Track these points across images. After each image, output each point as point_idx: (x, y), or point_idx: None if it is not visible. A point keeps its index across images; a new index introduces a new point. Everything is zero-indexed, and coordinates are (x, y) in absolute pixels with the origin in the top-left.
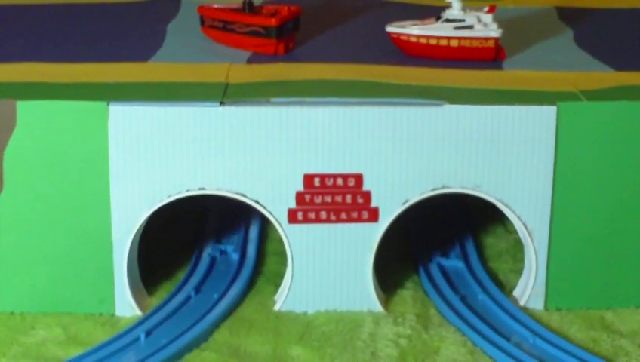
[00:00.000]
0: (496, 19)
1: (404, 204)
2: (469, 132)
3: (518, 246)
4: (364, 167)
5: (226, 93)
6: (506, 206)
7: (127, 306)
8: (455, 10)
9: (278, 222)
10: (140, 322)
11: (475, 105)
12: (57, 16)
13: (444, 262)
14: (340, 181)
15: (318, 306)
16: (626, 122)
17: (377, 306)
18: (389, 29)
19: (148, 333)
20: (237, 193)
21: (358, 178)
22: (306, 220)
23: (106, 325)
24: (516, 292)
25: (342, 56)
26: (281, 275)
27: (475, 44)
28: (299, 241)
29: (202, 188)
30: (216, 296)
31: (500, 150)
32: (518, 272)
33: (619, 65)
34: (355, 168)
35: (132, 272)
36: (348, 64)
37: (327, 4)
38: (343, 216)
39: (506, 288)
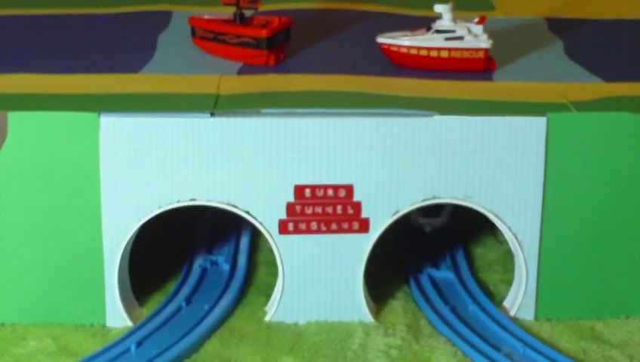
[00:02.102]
0: (486, 31)
1: (394, 214)
2: (459, 143)
3: (508, 257)
4: (354, 177)
5: (216, 104)
6: (496, 216)
7: (118, 317)
8: (445, 21)
9: (269, 233)
10: (131, 333)
11: (465, 115)
12: (48, 26)
13: (435, 272)
14: (330, 192)
15: (309, 317)
16: (616, 133)
17: (368, 317)
18: (380, 39)
19: (139, 344)
20: (228, 204)
21: (349, 189)
22: (297, 231)
23: (96, 336)
24: (506, 303)
25: (333, 67)
26: (272, 286)
27: (466, 55)
28: (290, 252)
29: (193, 199)
30: (207, 306)
31: (490, 161)
32: (509, 283)
33: (609, 76)
34: (346, 179)
35: (123, 283)
36: (339, 75)
37: (318, 15)
38: (334, 226)
39: (496, 298)
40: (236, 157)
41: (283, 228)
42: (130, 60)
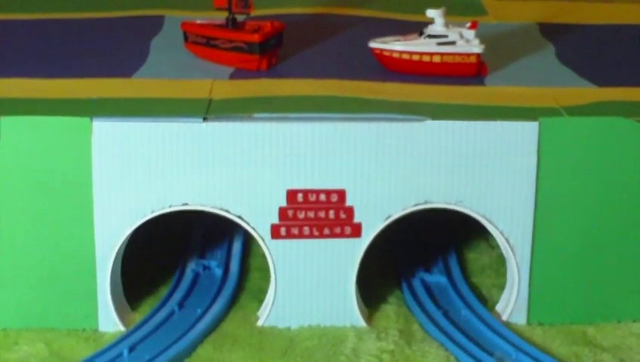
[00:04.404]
0: (478, 35)
1: (386, 219)
2: (452, 147)
3: (500, 261)
4: (346, 182)
5: (209, 109)
6: (489, 221)
7: (110, 322)
8: (438, 26)
9: (261, 238)
10: (124, 337)
11: (457, 120)
12: (40, 31)
13: (427, 277)
14: (322, 196)
15: (302, 321)
16: (608, 138)
17: (360, 321)
18: (372, 44)
19: (131, 349)
20: (220, 209)
21: (341, 193)
22: (289, 236)
23: (89, 340)
24: (499, 307)
25: (325, 72)
26: (264, 291)
27: (458, 59)
28: (282, 257)
29: (186, 204)
30: (199, 311)
31: (482, 165)
32: (501, 287)
33: (600, 81)
34: (338, 184)
35: (115, 288)
36: (331, 80)
37: (310, 20)
38: (326, 231)
39: (488, 303)
40: (228, 162)
41: (275, 233)
42: (123, 65)
